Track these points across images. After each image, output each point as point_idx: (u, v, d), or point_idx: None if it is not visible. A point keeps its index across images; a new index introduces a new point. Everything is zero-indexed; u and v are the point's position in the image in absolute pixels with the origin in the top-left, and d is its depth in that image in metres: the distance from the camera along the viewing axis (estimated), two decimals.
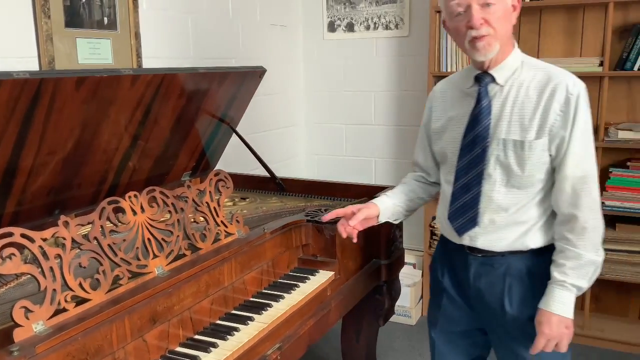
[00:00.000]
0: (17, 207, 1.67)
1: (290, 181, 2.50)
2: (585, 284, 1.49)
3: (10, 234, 1.18)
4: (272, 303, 1.62)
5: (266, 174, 2.48)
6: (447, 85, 1.69)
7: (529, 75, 1.50)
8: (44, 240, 1.24)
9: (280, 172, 2.56)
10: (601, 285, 3.17)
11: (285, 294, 1.68)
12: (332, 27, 3.64)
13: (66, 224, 1.28)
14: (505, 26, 1.48)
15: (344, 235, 1.67)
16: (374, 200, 1.73)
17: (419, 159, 1.79)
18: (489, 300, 1.59)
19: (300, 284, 1.76)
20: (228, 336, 1.43)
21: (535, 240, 1.54)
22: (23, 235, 1.20)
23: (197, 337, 1.45)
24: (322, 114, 3.79)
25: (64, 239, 1.27)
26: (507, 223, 1.53)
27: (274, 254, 1.79)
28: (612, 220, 3.04)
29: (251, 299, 1.67)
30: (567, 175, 1.46)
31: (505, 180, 1.51)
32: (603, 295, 3.23)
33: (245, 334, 1.45)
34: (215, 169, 2.25)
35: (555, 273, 1.49)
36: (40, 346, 1.10)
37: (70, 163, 1.74)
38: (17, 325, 1.13)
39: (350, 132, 3.72)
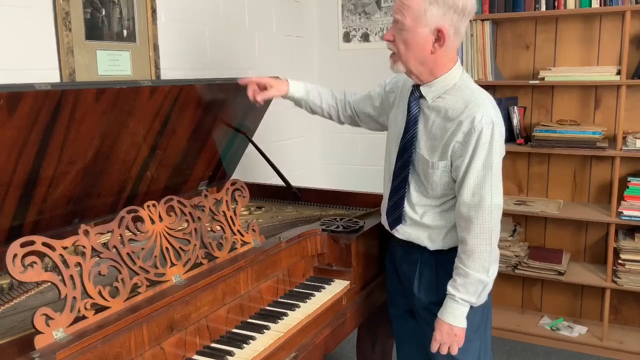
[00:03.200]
0: (38, 216, 1.70)
1: (306, 190, 2.51)
2: (474, 299, 1.63)
3: (32, 242, 1.21)
4: (288, 312, 1.63)
5: (282, 183, 2.49)
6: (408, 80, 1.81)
7: (452, 100, 1.62)
8: (65, 248, 1.26)
9: (296, 181, 2.57)
10: (620, 295, 3.13)
11: (300, 303, 1.69)
12: (347, 38, 3.66)
13: (86, 232, 1.30)
14: (413, 53, 1.59)
15: (251, 98, 1.92)
16: (292, 86, 1.98)
17: (356, 104, 2.05)
18: (408, 283, 1.81)
19: (315, 293, 1.77)
20: (244, 345, 1.44)
21: (436, 244, 1.72)
22: (44, 244, 1.23)
23: (213, 345, 1.46)
24: (337, 124, 3.79)
25: (84, 247, 1.29)
26: (415, 222, 1.74)
27: (289, 263, 1.80)
28: (631, 230, 3.00)
29: (267, 307, 1.68)
30: (462, 200, 1.60)
31: (417, 187, 1.73)
32: (622, 306, 3.19)
33: (261, 343, 1.46)
34: (231, 178, 2.27)
35: (449, 286, 1.65)
36: (61, 353, 1.12)
37: (89, 173, 1.77)
38: (38, 332, 1.15)
39: (363, 142, 3.72)
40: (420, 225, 1.73)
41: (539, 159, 3.30)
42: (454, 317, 1.64)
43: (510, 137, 3.18)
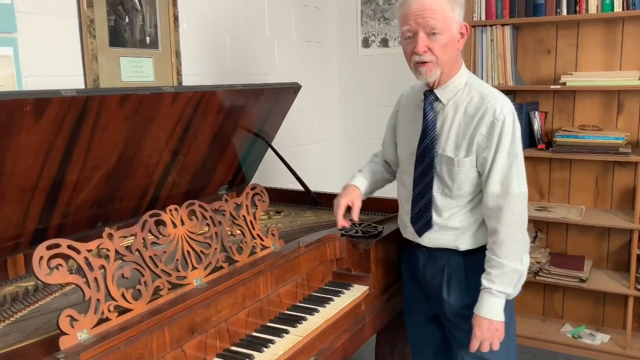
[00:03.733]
0: (62, 219, 1.74)
1: (325, 195, 2.52)
2: (511, 290, 1.63)
3: (58, 245, 1.23)
4: (307, 316, 1.63)
5: (301, 188, 2.50)
6: (410, 92, 1.88)
7: (468, 97, 1.67)
8: (89, 251, 1.28)
9: (315, 186, 2.58)
10: None
11: (319, 308, 1.69)
12: (366, 43, 3.67)
13: (110, 235, 1.33)
14: (449, 53, 1.64)
15: (349, 225, 1.88)
16: (360, 189, 1.93)
17: (389, 157, 2.00)
18: (433, 290, 1.79)
19: (334, 297, 1.77)
20: (264, 348, 1.45)
21: (466, 244, 1.72)
22: (69, 247, 1.25)
23: (233, 348, 1.47)
24: (356, 128, 3.80)
25: (108, 250, 1.31)
26: (442, 226, 1.73)
27: (308, 268, 1.81)
28: None
29: (286, 311, 1.69)
30: (490, 191, 1.63)
31: (441, 189, 1.72)
32: None
33: (281, 347, 1.47)
34: (251, 182, 2.29)
35: (483, 280, 1.64)
36: (85, 354, 1.14)
37: (113, 177, 1.80)
38: (63, 333, 1.17)
39: None
40: (448, 229, 1.73)
41: (560, 164, 3.27)
42: (491, 310, 1.61)
43: (531, 142, 3.15)
